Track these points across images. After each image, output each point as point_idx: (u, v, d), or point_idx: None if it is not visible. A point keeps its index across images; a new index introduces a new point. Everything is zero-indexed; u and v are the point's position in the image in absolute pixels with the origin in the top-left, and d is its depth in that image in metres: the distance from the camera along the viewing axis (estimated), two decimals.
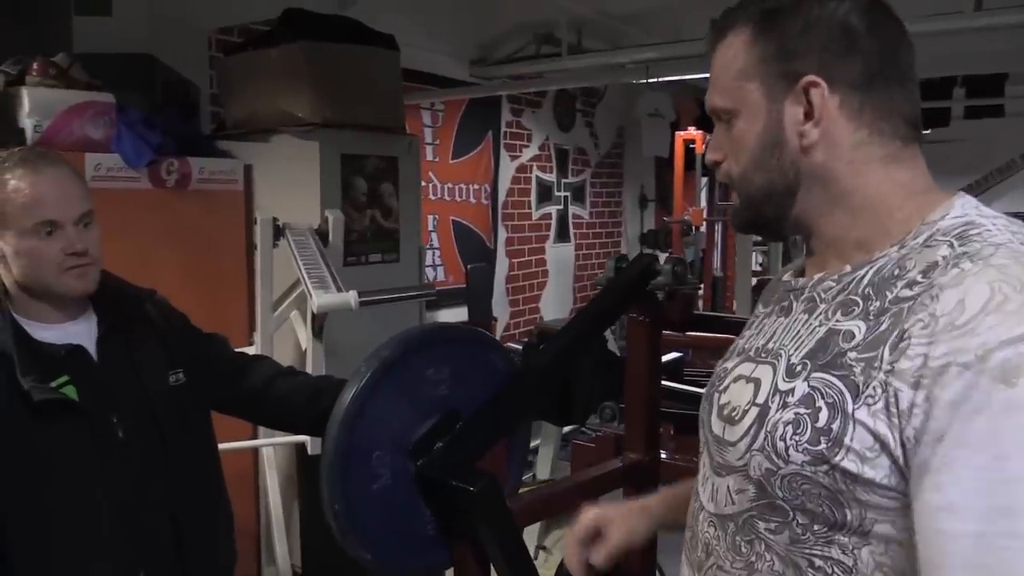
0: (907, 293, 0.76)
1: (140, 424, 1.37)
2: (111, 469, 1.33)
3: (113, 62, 2.71)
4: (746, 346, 0.94)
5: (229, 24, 3.43)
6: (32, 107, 2.31)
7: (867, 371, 0.75)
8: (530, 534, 2.62)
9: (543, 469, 2.57)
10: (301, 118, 2.65)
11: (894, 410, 0.73)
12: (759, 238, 6.35)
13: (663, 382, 1.74)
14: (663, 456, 1.66)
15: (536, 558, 2.63)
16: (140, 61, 2.82)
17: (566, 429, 3.01)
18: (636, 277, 1.52)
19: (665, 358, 2.37)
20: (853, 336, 0.78)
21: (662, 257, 1.72)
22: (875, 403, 0.74)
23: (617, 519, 1.16)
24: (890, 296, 0.77)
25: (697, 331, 1.70)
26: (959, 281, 0.72)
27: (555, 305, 6.10)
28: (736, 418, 0.85)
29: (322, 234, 2.52)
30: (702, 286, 6.43)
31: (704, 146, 6.29)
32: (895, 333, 0.74)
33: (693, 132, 6.25)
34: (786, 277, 0.95)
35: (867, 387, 0.74)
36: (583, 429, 2.68)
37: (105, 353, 1.37)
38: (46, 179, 1.31)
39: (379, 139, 2.87)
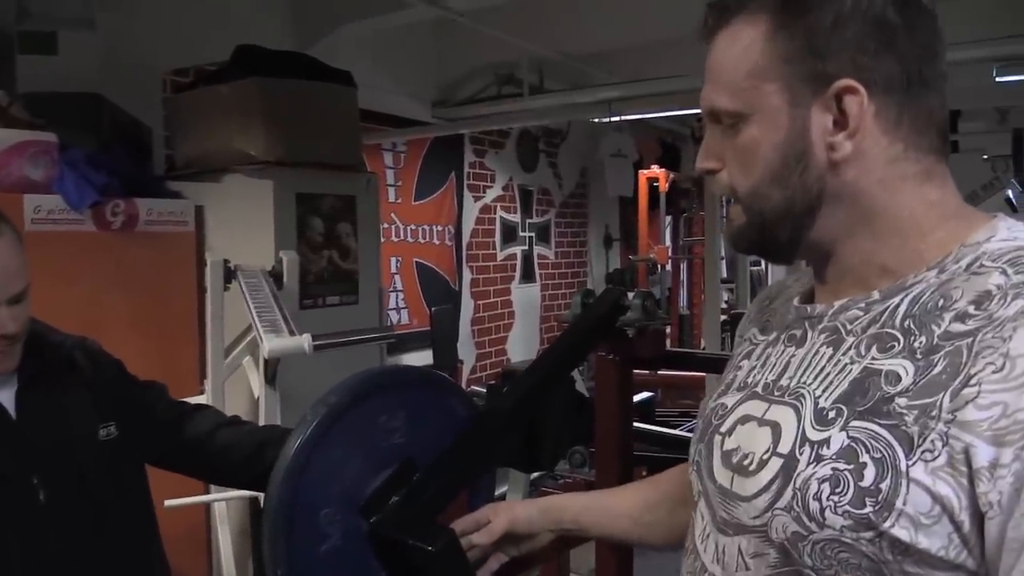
0: (960, 328, 0.66)
1: (65, 485, 1.24)
2: (30, 538, 1.19)
3: (59, 101, 2.63)
4: (748, 380, 0.82)
5: (184, 65, 3.35)
6: None
7: (922, 420, 0.64)
8: None
9: None
10: (254, 156, 2.57)
11: (963, 468, 0.61)
12: (725, 275, 6.37)
13: (635, 423, 1.66)
14: None
15: None
16: (88, 101, 2.73)
17: (534, 476, 2.92)
18: (605, 313, 1.44)
19: (635, 399, 2.29)
20: (899, 378, 0.67)
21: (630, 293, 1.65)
22: (934, 459, 0.62)
23: (503, 508, 1.11)
24: (938, 331, 0.67)
25: (670, 368, 1.62)
26: None
27: (522, 346, 6.01)
28: (751, 468, 0.74)
29: (276, 276, 2.42)
30: (669, 324, 6.41)
31: (668, 182, 6.33)
32: (958, 378, 0.63)
33: (656, 171, 6.27)
34: (796, 302, 0.84)
35: (923, 440, 0.63)
36: (552, 475, 2.59)
37: (25, 407, 1.24)
38: None
39: (336, 177, 2.79)
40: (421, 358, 4.74)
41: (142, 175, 2.71)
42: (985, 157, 6.89)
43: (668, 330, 6.41)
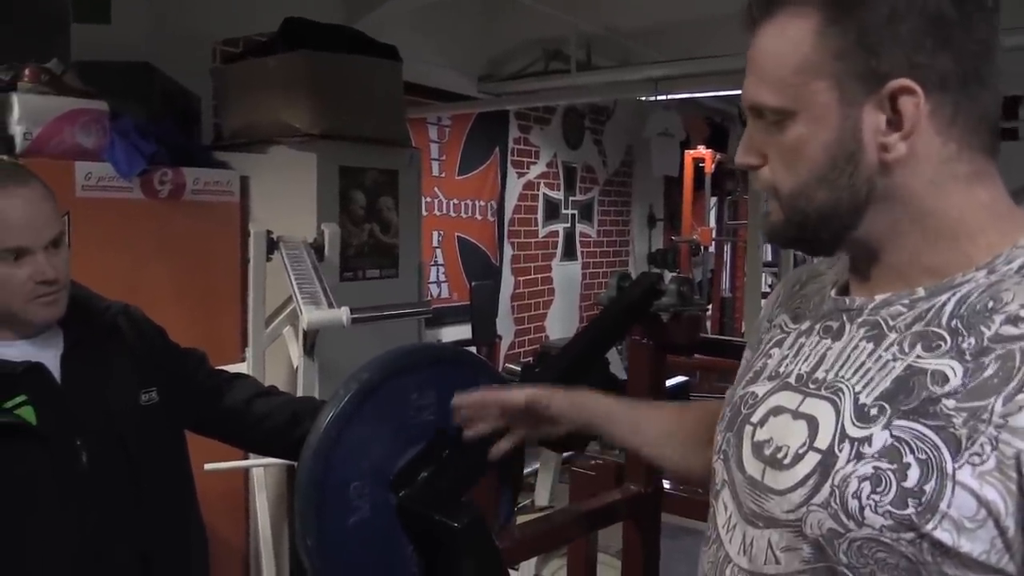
0: (1012, 331, 0.65)
1: (106, 448, 1.27)
2: (73, 499, 1.23)
3: (111, 70, 2.67)
4: (781, 370, 0.81)
5: (234, 35, 3.38)
6: (22, 114, 2.25)
7: (971, 423, 0.63)
8: (528, 565, 2.53)
9: (542, 496, 2.49)
10: (298, 129, 2.58)
11: (1012, 474, 0.61)
12: (769, 259, 6.28)
13: None
14: (666, 487, 1.57)
15: None
16: (139, 70, 2.77)
17: (566, 454, 2.92)
18: (639, 297, 1.43)
19: (671, 382, 2.28)
20: (947, 379, 0.66)
21: (668, 276, 1.64)
22: (983, 463, 0.62)
23: (557, 395, 1.11)
24: (988, 333, 0.66)
25: (704, 355, 1.61)
26: None
27: (561, 324, 6.01)
28: (785, 462, 0.73)
29: (318, 248, 2.44)
30: (711, 307, 6.35)
31: (714, 163, 6.24)
32: (1011, 382, 0.62)
33: (703, 151, 6.19)
34: (833, 293, 0.82)
35: (972, 443, 0.62)
36: (583, 455, 2.59)
37: (69, 371, 1.27)
38: (15, 201, 1.22)
39: (379, 152, 2.80)
40: (460, 332, 4.77)
41: (189, 145, 2.75)
42: None
43: (709, 312, 6.35)
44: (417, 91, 4.30)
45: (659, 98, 4.24)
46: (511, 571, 2.50)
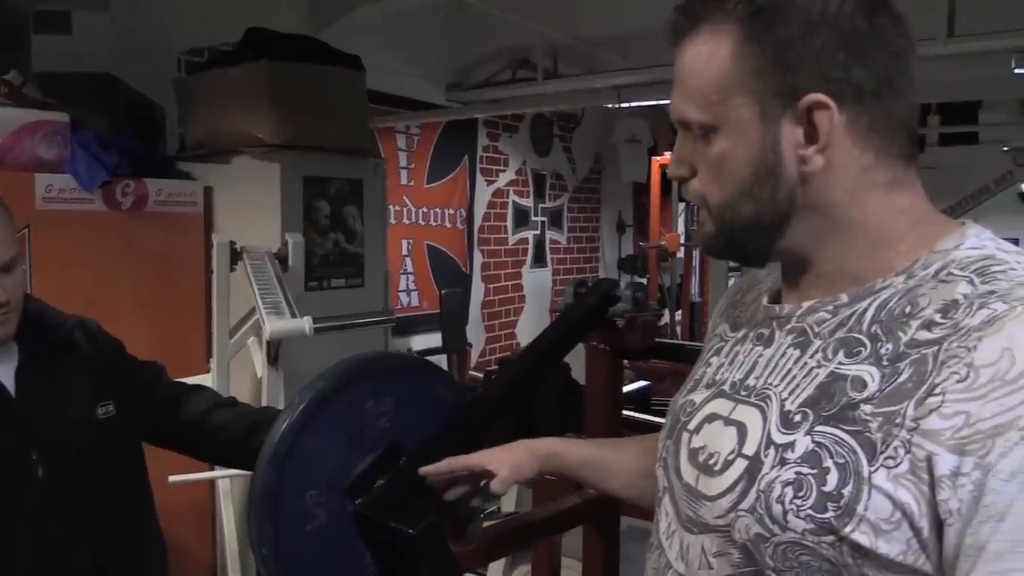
0: (926, 336, 0.66)
1: (63, 462, 1.27)
2: (29, 512, 1.23)
3: (72, 81, 2.65)
4: (717, 377, 0.83)
5: (198, 45, 3.38)
6: None
7: (886, 428, 0.64)
8: (495, 568, 2.54)
9: (508, 502, 2.50)
10: (261, 139, 2.58)
11: (925, 476, 0.62)
12: (735, 263, 6.34)
13: (626, 412, 1.68)
14: None
15: None
16: (101, 80, 2.76)
17: None
18: (595, 304, 1.45)
19: (632, 387, 2.32)
20: (865, 385, 0.67)
21: (637, 283, 1.66)
22: (896, 466, 0.63)
23: (506, 459, 1.08)
24: (904, 338, 0.67)
25: (659, 359, 1.64)
26: (998, 327, 0.62)
27: (532, 330, 6.03)
28: (716, 468, 0.75)
29: (282, 258, 2.44)
30: (680, 312, 6.40)
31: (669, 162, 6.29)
32: (923, 387, 0.64)
33: (670, 157, 6.24)
34: (765, 301, 0.84)
35: (886, 447, 0.64)
36: None
37: (24, 385, 1.27)
38: None
39: (343, 161, 2.80)
40: (430, 340, 4.77)
41: (152, 155, 2.74)
42: (1005, 148, 6.82)
43: (679, 318, 6.41)
44: (385, 100, 4.31)
45: (624, 105, 4.27)
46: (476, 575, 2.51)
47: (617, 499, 1.56)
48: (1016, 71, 3.70)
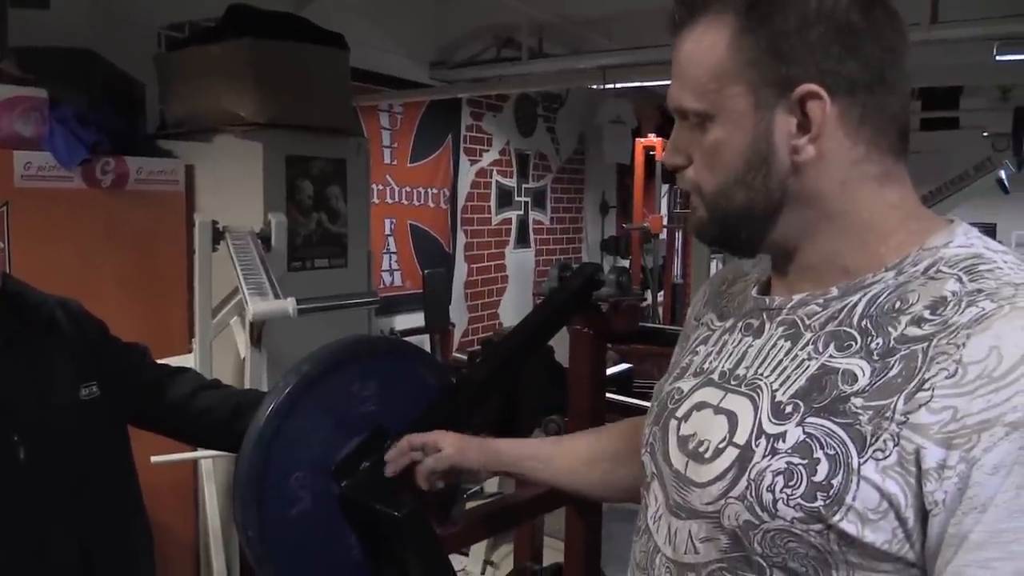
0: (916, 332, 0.68)
1: (45, 444, 1.26)
2: (11, 494, 1.22)
3: (50, 56, 2.61)
4: (705, 366, 0.84)
5: (179, 20, 3.33)
6: None
7: (876, 421, 0.66)
8: (478, 549, 2.56)
9: (491, 483, 2.52)
10: (243, 117, 2.56)
11: (912, 468, 0.64)
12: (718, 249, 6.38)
13: (609, 395, 1.69)
14: None
15: (484, 573, 2.57)
16: (79, 56, 2.71)
17: None
18: (579, 288, 1.46)
19: (614, 369, 2.34)
20: (856, 378, 0.69)
21: (621, 267, 1.67)
22: (885, 458, 0.65)
23: (453, 443, 1.10)
24: (894, 333, 0.69)
25: (642, 344, 1.65)
26: (986, 325, 0.64)
27: (515, 311, 6.04)
28: (706, 456, 0.76)
29: (264, 238, 2.43)
30: (662, 293, 6.43)
31: (664, 151, 6.30)
32: (912, 381, 0.66)
33: (654, 139, 6.25)
34: (754, 292, 0.86)
35: (876, 439, 0.66)
36: None
37: (4, 367, 1.25)
38: None
39: (326, 141, 2.79)
40: (413, 320, 4.77)
41: (133, 133, 2.70)
42: (985, 134, 6.88)
43: (661, 300, 6.44)
44: (368, 78, 4.28)
45: (610, 86, 4.26)
46: (461, 555, 2.54)
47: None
48: (998, 58, 3.74)
